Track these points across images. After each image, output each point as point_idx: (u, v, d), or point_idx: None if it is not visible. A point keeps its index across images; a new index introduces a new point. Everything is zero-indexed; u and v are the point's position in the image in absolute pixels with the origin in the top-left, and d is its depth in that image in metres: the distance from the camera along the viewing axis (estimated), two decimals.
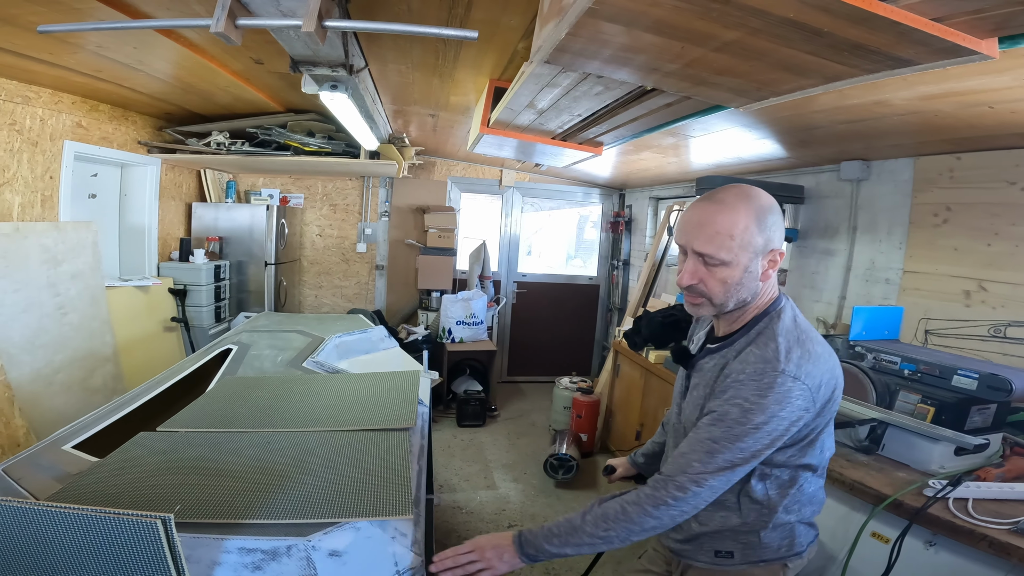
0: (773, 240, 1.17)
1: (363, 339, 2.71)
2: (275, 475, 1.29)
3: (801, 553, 1.30)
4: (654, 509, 1.14)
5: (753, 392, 1.11)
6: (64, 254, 3.12)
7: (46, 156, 3.14)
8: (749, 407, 1.10)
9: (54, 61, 2.65)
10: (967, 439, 1.74)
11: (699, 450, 1.14)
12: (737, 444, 1.10)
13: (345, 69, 2.14)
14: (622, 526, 1.16)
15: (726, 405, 1.13)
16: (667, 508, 1.13)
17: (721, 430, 1.12)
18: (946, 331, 2.59)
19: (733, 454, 1.11)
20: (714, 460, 1.11)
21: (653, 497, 1.15)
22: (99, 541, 0.90)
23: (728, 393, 1.14)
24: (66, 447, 1.51)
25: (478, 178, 5.96)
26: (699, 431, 1.16)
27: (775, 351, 1.13)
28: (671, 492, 1.13)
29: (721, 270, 1.17)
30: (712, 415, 1.15)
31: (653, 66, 1.53)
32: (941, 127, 2.30)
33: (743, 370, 1.14)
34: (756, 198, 1.17)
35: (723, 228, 1.14)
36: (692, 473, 1.13)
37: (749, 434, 1.09)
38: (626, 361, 4.16)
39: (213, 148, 4.11)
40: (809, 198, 3.46)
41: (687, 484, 1.12)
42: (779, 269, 3.65)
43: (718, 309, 1.23)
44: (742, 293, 1.19)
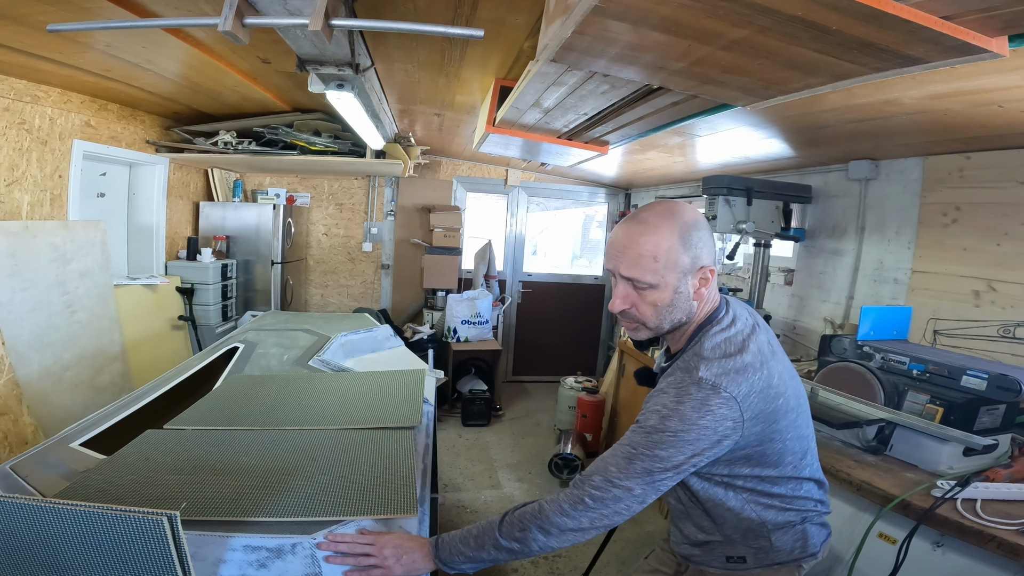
0: (701, 257, 1.15)
1: (369, 338, 2.72)
2: (281, 473, 1.30)
3: (816, 553, 1.29)
4: (571, 508, 1.11)
5: (672, 399, 1.09)
6: (73, 253, 3.14)
7: (55, 155, 3.16)
8: (667, 414, 1.09)
9: (63, 60, 2.67)
10: (976, 440, 1.72)
11: (618, 455, 1.12)
12: (655, 451, 1.08)
13: (351, 68, 2.14)
14: (537, 527, 1.12)
15: (646, 413, 1.13)
16: (585, 509, 1.10)
17: (640, 436, 1.10)
18: (955, 331, 2.57)
19: (651, 462, 1.08)
20: (631, 466, 1.09)
21: (571, 495, 1.13)
22: (105, 538, 0.90)
23: (651, 402, 1.13)
24: (73, 444, 1.52)
25: (484, 177, 5.96)
26: (623, 438, 1.15)
27: (696, 361, 1.12)
28: (587, 491, 1.11)
29: (650, 293, 1.15)
30: (635, 423, 1.15)
31: (660, 64, 1.52)
32: (951, 126, 2.28)
33: (667, 382, 1.14)
34: (679, 215, 1.14)
35: (647, 250, 1.12)
36: (608, 475, 1.10)
37: (667, 442, 1.07)
38: (631, 361, 4.15)
39: (220, 147, 4.12)
40: (817, 198, 3.44)
41: (603, 484, 1.10)
42: (786, 269, 3.64)
43: (654, 332, 1.22)
44: (675, 314, 1.18)
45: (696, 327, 1.22)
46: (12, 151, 2.87)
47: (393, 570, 1.10)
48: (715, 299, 1.24)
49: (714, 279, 1.20)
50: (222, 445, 1.46)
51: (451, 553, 1.17)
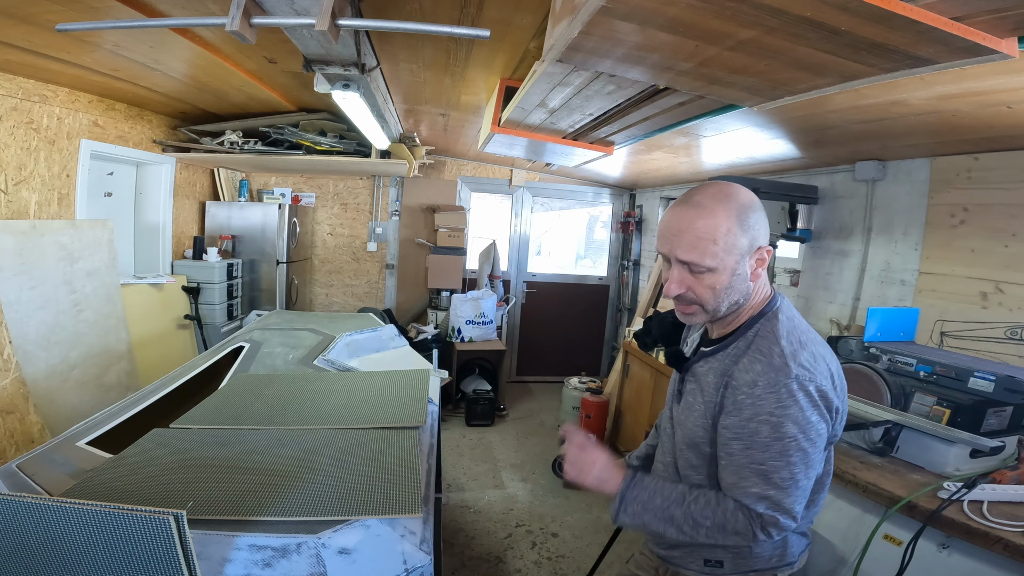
0: (758, 238, 1.13)
1: (373, 338, 2.72)
2: (286, 472, 1.30)
3: (793, 563, 1.28)
4: (754, 526, 1.10)
5: (775, 405, 1.06)
6: (80, 252, 3.15)
7: (63, 155, 3.17)
8: (777, 421, 1.06)
9: (72, 60, 2.67)
10: (983, 441, 1.71)
11: (751, 476, 1.09)
12: (787, 459, 1.06)
13: (357, 68, 2.14)
14: (718, 527, 1.12)
15: (752, 424, 1.08)
16: (759, 534, 1.10)
17: (760, 451, 1.08)
18: (962, 333, 2.55)
19: (792, 470, 1.07)
20: (771, 481, 1.07)
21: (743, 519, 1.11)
22: (112, 537, 0.91)
23: (747, 412, 1.09)
24: (80, 443, 1.52)
25: (488, 178, 5.97)
26: (735, 457, 1.11)
27: (781, 357, 1.08)
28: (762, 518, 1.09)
29: (708, 276, 1.12)
30: (737, 439, 1.11)
31: (667, 65, 1.52)
32: (959, 127, 2.27)
33: (754, 382, 1.09)
34: (735, 197, 1.12)
35: (704, 234, 1.09)
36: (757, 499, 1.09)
37: (790, 447, 1.06)
38: (636, 362, 4.14)
39: (227, 147, 4.14)
40: (823, 198, 3.42)
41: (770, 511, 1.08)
42: (792, 271, 3.63)
43: (711, 315, 1.19)
44: (733, 296, 1.15)
45: (755, 313, 1.19)
46: (20, 150, 2.88)
47: (587, 477, 1.22)
48: (767, 286, 1.22)
49: (769, 259, 1.17)
50: (228, 444, 1.46)
51: (636, 495, 1.18)
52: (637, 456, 1.73)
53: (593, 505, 3.52)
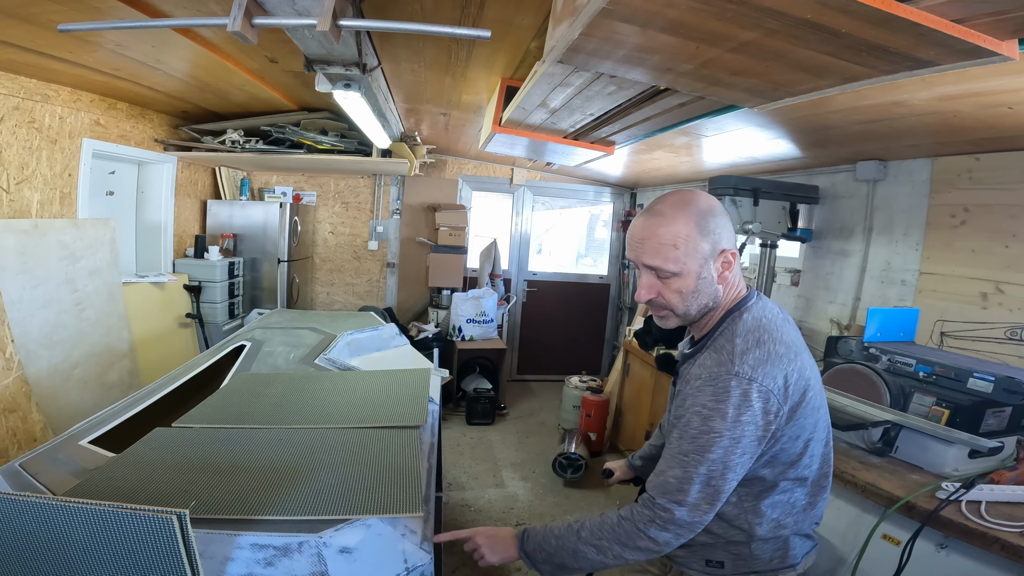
0: (721, 241, 1.17)
1: (374, 337, 2.73)
2: (287, 471, 1.31)
3: (795, 565, 1.27)
4: (645, 529, 1.12)
5: (710, 398, 1.10)
6: (82, 251, 3.16)
7: (65, 154, 3.17)
8: (708, 414, 1.09)
9: (73, 60, 2.68)
10: (982, 442, 1.72)
11: (674, 465, 1.13)
12: (706, 455, 1.08)
13: (358, 68, 2.14)
14: (615, 540, 1.15)
15: (687, 414, 1.12)
16: (659, 530, 1.11)
17: (688, 442, 1.11)
18: (962, 333, 2.55)
19: (706, 466, 1.08)
20: (688, 474, 1.09)
21: (644, 515, 1.14)
22: (115, 536, 0.91)
23: (688, 401, 1.14)
24: (83, 442, 1.53)
25: (489, 176, 5.97)
26: (671, 445, 1.16)
27: (729, 353, 1.12)
28: (658, 514, 1.11)
29: (674, 281, 1.17)
30: (677, 427, 1.15)
31: (667, 66, 1.52)
32: (960, 128, 2.27)
33: (699, 375, 1.14)
34: (694, 204, 1.16)
35: (666, 240, 1.15)
36: (672, 492, 1.11)
37: (714, 443, 1.08)
38: (636, 361, 4.15)
39: (228, 146, 4.14)
40: (824, 198, 3.43)
41: (669, 505, 1.11)
42: (792, 270, 3.63)
43: (683, 319, 1.24)
44: (701, 299, 1.19)
45: (724, 312, 1.22)
46: (22, 149, 2.88)
47: (488, 558, 1.26)
48: (741, 286, 1.25)
49: (736, 263, 1.20)
50: (229, 443, 1.47)
51: (535, 546, 1.22)
52: (640, 456, 1.74)
53: (594, 504, 3.53)
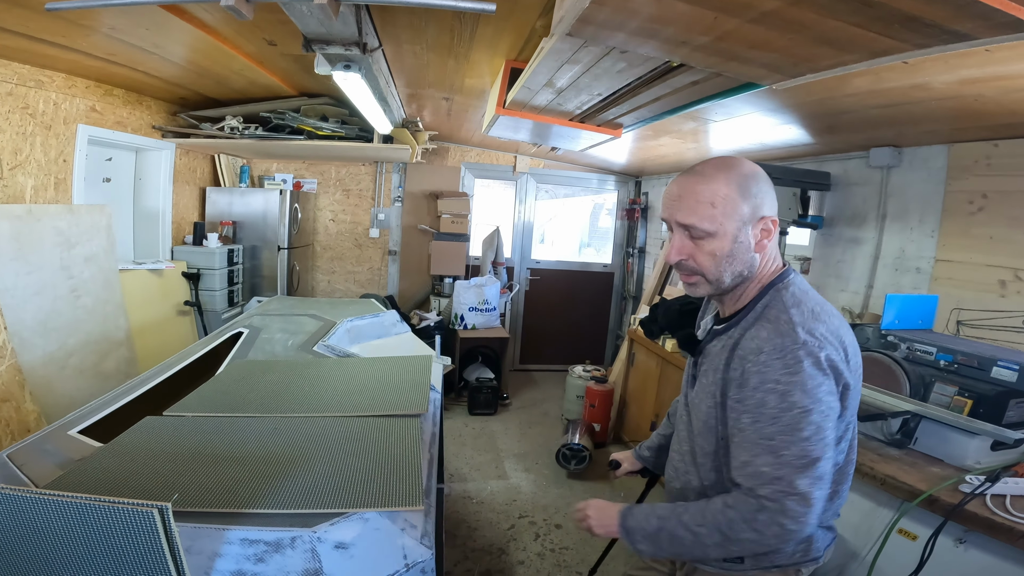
0: (762, 207, 1.11)
1: (375, 323, 2.67)
2: (281, 462, 1.25)
3: (818, 558, 1.22)
4: (751, 521, 1.02)
5: (781, 372, 1.01)
6: (78, 237, 3.10)
7: (59, 140, 3.13)
8: (784, 389, 1.00)
9: (68, 44, 2.63)
10: (1008, 433, 1.65)
11: (760, 452, 1.02)
12: (796, 434, 0.99)
13: (358, 48, 2.09)
14: (716, 528, 1.06)
15: (758, 394, 1.03)
16: (768, 523, 1.01)
17: (768, 423, 1.02)
18: (979, 322, 2.48)
19: (799, 445, 0.99)
20: (782, 458, 1.00)
21: (749, 506, 1.03)
22: (94, 530, 0.86)
23: (753, 380, 1.04)
24: (72, 432, 1.48)
25: (492, 164, 5.89)
26: (745, 431, 1.05)
27: (789, 323, 1.05)
28: (765, 505, 1.01)
29: (708, 242, 1.11)
30: (747, 412, 1.05)
31: (682, 39, 1.44)
32: (980, 113, 2.19)
33: (760, 349, 1.04)
34: (736, 166, 1.11)
35: (703, 197, 1.09)
36: (772, 481, 1.01)
37: (801, 420, 0.99)
38: (641, 350, 4.09)
39: (227, 133, 4.08)
40: (836, 185, 3.34)
41: (775, 495, 1.00)
42: (803, 258, 3.57)
43: (715, 286, 1.16)
44: (736, 266, 1.12)
45: (764, 285, 1.15)
46: (16, 135, 2.84)
47: (594, 528, 1.24)
48: (779, 259, 1.19)
49: (776, 231, 1.14)
50: (222, 433, 1.41)
51: (635, 524, 1.17)
52: (648, 447, 1.68)
53: (598, 496, 3.47)
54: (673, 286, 4.81)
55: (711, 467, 1.20)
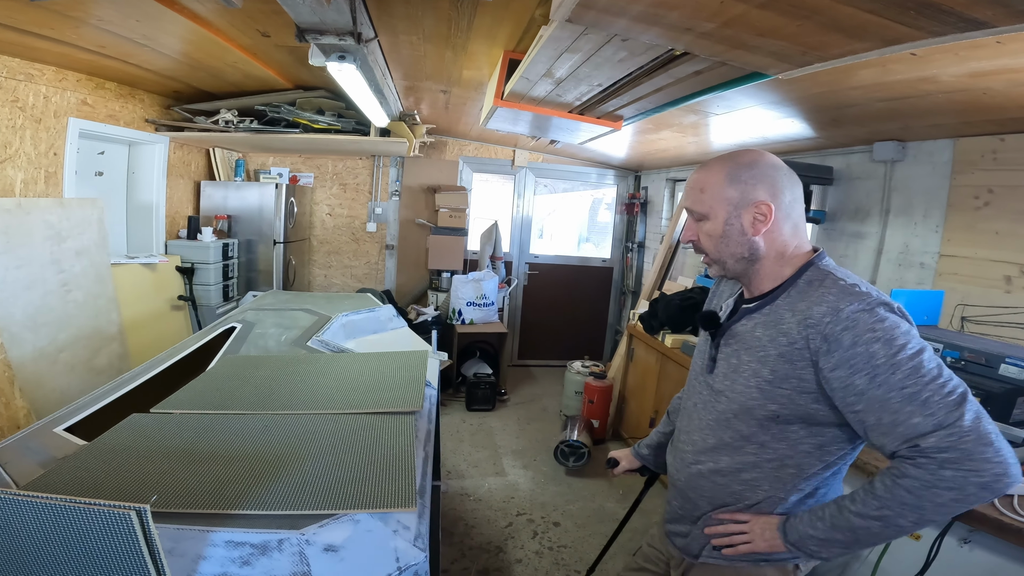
0: (753, 193, 1.15)
1: (370, 318, 2.62)
2: (270, 461, 1.21)
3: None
4: (937, 480, 0.93)
5: (873, 321, 0.99)
6: (69, 231, 3.05)
7: (50, 133, 3.08)
8: (886, 336, 0.98)
9: (57, 37, 2.59)
10: (1016, 432, 1.62)
11: (899, 411, 0.96)
12: (928, 374, 0.95)
13: (353, 38, 2.04)
14: (903, 505, 0.98)
15: (859, 348, 0.99)
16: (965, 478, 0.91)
17: (891, 373, 0.97)
18: (984, 318, 2.45)
19: (941, 382, 0.95)
20: (926, 404, 0.94)
21: (928, 466, 0.95)
22: (71, 532, 0.82)
23: (846, 339, 1.00)
24: (57, 429, 1.44)
25: (490, 158, 5.84)
26: (868, 395, 0.99)
27: (853, 286, 1.06)
28: (944, 457, 0.92)
29: (704, 224, 1.21)
30: (858, 372, 0.99)
31: (687, 25, 1.39)
32: (988, 106, 2.15)
33: (837, 309, 1.02)
34: (735, 157, 1.18)
35: (696, 184, 1.21)
36: (931, 431, 0.93)
37: (922, 359, 0.96)
38: (641, 345, 4.05)
39: (221, 126, 4.03)
40: (839, 179, 3.30)
41: (944, 442, 0.92)
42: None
43: (720, 267, 1.24)
44: (732, 247, 1.18)
45: (803, 263, 1.16)
46: (5, 128, 2.79)
47: (757, 545, 1.17)
48: (805, 244, 1.19)
49: (775, 216, 1.14)
50: (210, 431, 1.37)
51: (800, 535, 1.11)
52: (647, 445, 1.65)
53: (596, 494, 3.45)
54: (672, 281, 4.78)
55: (747, 450, 1.18)
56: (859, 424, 1.04)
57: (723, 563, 1.24)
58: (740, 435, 1.18)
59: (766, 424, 1.14)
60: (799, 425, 1.12)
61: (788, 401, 1.10)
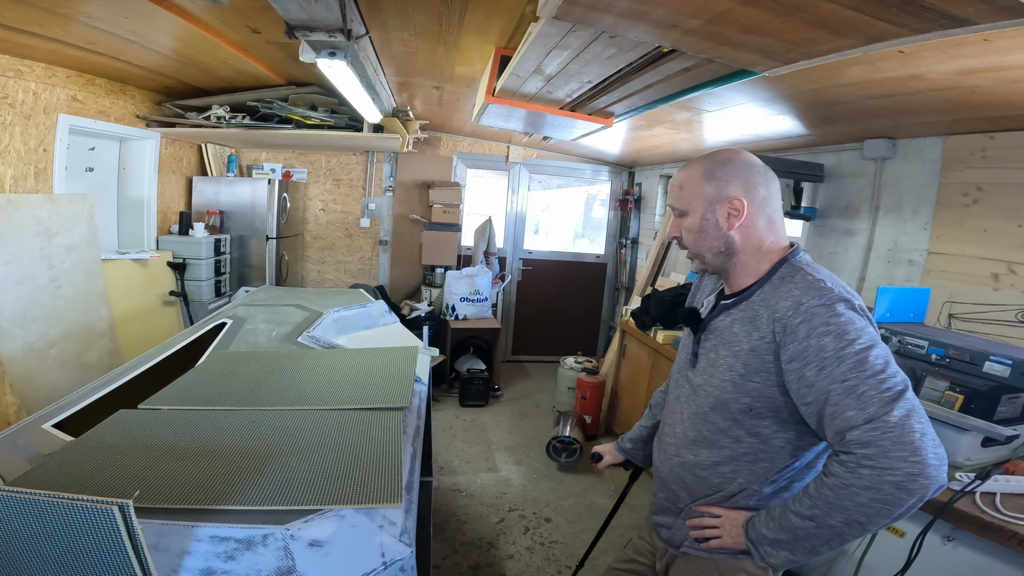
0: (727, 189, 1.19)
1: (362, 314, 2.62)
2: (257, 457, 1.21)
3: None
4: (855, 479, 0.95)
5: (829, 316, 1.03)
6: (59, 226, 3.04)
7: (39, 129, 3.07)
8: (839, 330, 1.01)
9: (45, 34, 2.59)
10: (1000, 430, 1.63)
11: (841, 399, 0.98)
12: (870, 368, 0.97)
13: (343, 34, 2.04)
14: (828, 504, 0.99)
15: (812, 340, 1.03)
16: (880, 476, 0.92)
17: (836, 365, 0.99)
18: (971, 315, 2.47)
19: (881, 378, 0.96)
20: (866, 396, 0.96)
21: (847, 462, 0.97)
22: (56, 528, 0.82)
23: (802, 332, 1.04)
24: (45, 426, 1.43)
25: (485, 154, 5.84)
26: (816, 386, 1.02)
27: (818, 281, 1.09)
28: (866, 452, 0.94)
29: (684, 220, 1.25)
30: (809, 363, 1.02)
31: (673, 22, 1.40)
32: (977, 104, 2.16)
33: (798, 303, 1.06)
34: (713, 156, 1.23)
35: (677, 182, 1.26)
36: (861, 424, 0.95)
37: (868, 355, 0.98)
38: (633, 341, 4.06)
39: (213, 122, 4.02)
40: (829, 177, 3.32)
41: (867, 436, 0.94)
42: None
43: (700, 261, 1.27)
44: (709, 242, 1.22)
45: (779, 259, 1.19)
46: None
47: (724, 540, 1.19)
48: (782, 239, 1.23)
49: (748, 211, 1.18)
50: (197, 426, 1.37)
51: (757, 535, 1.13)
52: (630, 439, 1.66)
53: (588, 490, 3.46)
54: (665, 277, 4.79)
55: (723, 444, 1.21)
56: (810, 417, 1.06)
57: (703, 555, 1.25)
58: (717, 428, 1.21)
59: (740, 418, 1.17)
60: (771, 420, 1.15)
61: (759, 395, 1.14)
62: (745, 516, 1.18)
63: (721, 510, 1.22)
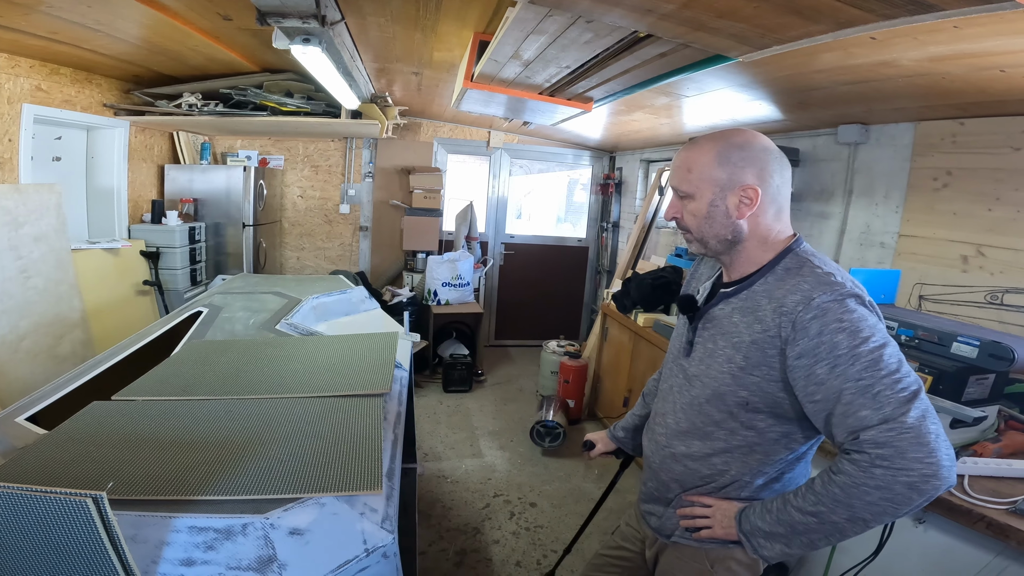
0: (741, 176, 1.12)
1: (342, 300, 2.61)
2: (234, 447, 1.20)
3: None
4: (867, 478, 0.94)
5: (842, 312, 1.00)
6: (26, 216, 2.97)
7: (3, 120, 3.00)
8: (852, 327, 0.99)
9: (6, 24, 2.53)
10: (968, 411, 1.65)
11: (855, 398, 0.97)
12: (885, 368, 0.96)
13: (317, 21, 2.00)
14: (835, 502, 0.99)
15: (824, 337, 1.00)
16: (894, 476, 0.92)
17: (850, 364, 0.97)
18: (941, 296, 2.53)
19: (896, 377, 0.95)
20: (881, 396, 0.95)
21: (860, 462, 0.96)
22: (30, 521, 0.82)
23: (813, 328, 1.01)
24: (19, 419, 1.41)
25: (465, 139, 5.80)
26: (827, 384, 1.00)
27: (828, 275, 1.06)
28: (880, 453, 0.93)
29: (689, 203, 1.19)
30: (820, 360, 1.00)
31: (648, 6, 1.40)
32: (948, 91, 2.19)
33: (809, 297, 1.03)
34: (727, 137, 1.15)
35: (683, 163, 1.18)
36: (876, 425, 0.94)
37: (882, 354, 0.97)
38: (614, 324, 4.10)
39: (184, 110, 3.93)
40: (804, 161, 3.36)
41: (882, 436, 0.93)
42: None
43: (700, 245, 1.22)
44: (715, 228, 1.17)
45: (781, 250, 1.16)
46: None
47: (715, 531, 1.19)
48: (787, 229, 1.19)
49: (760, 201, 1.13)
50: (173, 417, 1.36)
51: (751, 527, 1.12)
52: (623, 428, 1.66)
53: (572, 475, 3.50)
54: (646, 260, 4.82)
55: (718, 436, 1.20)
56: (817, 415, 1.05)
57: (694, 544, 1.25)
58: (711, 420, 1.20)
59: (736, 411, 1.15)
60: (767, 414, 1.14)
61: (757, 388, 1.11)
62: (737, 507, 1.17)
63: (712, 500, 1.22)
